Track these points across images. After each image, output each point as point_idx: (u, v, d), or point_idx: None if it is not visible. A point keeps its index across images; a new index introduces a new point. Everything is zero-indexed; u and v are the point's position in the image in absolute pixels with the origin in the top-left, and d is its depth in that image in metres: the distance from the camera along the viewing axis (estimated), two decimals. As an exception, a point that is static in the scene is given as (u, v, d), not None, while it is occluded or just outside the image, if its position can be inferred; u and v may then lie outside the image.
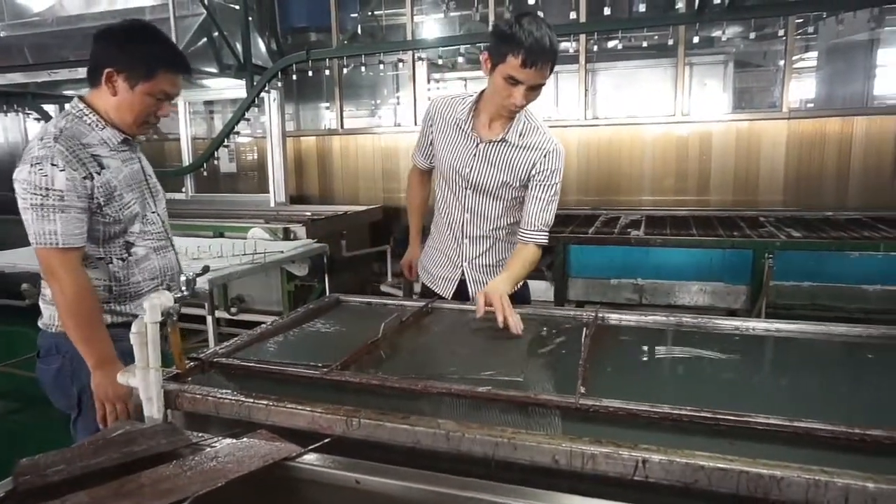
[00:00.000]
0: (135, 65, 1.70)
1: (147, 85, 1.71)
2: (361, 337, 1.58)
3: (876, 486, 0.82)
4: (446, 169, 2.11)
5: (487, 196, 2.06)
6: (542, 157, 1.98)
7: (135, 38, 1.72)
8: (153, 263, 1.85)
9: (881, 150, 4.71)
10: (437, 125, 2.12)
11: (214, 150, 5.71)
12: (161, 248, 1.89)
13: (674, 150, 5.13)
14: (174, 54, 1.77)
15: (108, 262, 1.77)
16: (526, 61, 1.74)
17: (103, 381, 1.67)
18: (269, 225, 4.61)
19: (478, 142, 2.02)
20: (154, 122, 1.82)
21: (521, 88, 1.79)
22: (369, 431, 1.08)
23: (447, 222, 2.18)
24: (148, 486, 0.93)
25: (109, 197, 1.70)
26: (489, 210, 2.08)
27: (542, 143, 1.99)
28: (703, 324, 1.69)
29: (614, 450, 0.94)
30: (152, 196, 1.90)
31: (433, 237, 2.28)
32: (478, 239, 2.13)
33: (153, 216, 1.88)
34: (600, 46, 5.11)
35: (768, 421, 1.06)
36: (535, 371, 1.43)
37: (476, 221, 2.11)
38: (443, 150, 2.11)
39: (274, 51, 6.16)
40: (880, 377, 1.38)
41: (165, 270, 1.90)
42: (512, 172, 2.01)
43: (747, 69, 5.72)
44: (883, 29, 5.00)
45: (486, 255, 2.15)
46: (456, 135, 2.06)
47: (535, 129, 2.00)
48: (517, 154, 2.00)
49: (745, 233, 3.66)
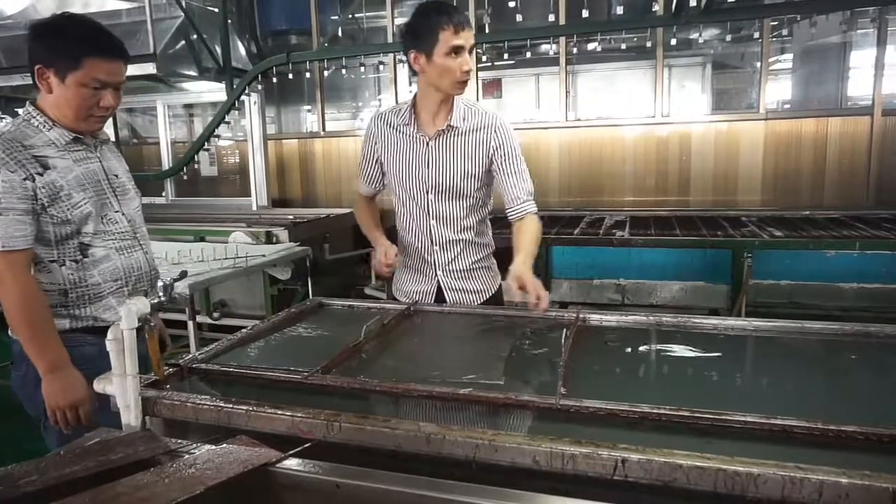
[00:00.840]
0: (59, 56, 1.65)
1: (76, 75, 1.65)
2: (343, 341, 1.57)
3: (849, 482, 0.83)
4: (403, 178, 2.08)
5: (450, 196, 2.05)
6: (493, 133, 2.00)
7: (57, 30, 1.67)
8: (115, 264, 1.80)
9: (855, 150, 4.81)
10: (381, 139, 2.10)
11: (195, 154, 5.65)
12: (125, 248, 1.83)
13: (654, 151, 5.19)
14: (99, 39, 1.68)
15: (60, 265, 1.72)
16: (459, 24, 1.84)
17: (54, 387, 1.64)
18: (251, 229, 4.58)
19: (427, 139, 2.02)
20: (101, 115, 1.76)
21: (464, 53, 1.87)
22: (350, 435, 1.08)
23: (414, 234, 2.14)
24: (124, 495, 0.91)
25: (54, 197, 1.66)
26: (454, 211, 2.07)
27: (486, 121, 2.01)
28: (683, 323, 1.71)
29: (594, 450, 0.95)
30: (115, 196, 1.84)
31: (401, 258, 2.21)
32: (447, 244, 2.11)
33: (116, 216, 1.83)
34: (580, 49, 5.15)
35: (745, 419, 1.07)
36: (516, 372, 1.43)
37: (443, 225, 2.09)
38: (395, 161, 2.09)
39: (254, 53, 6.12)
40: (856, 374, 1.40)
41: (130, 271, 1.84)
42: (469, 159, 2.01)
43: (725, 71, 5.80)
44: (855, 32, 5.10)
45: (457, 259, 2.13)
46: (403, 141, 2.06)
47: (475, 111, 2.03)
48: (467, 139, 2.01)
49: (724, 233, 3.71)
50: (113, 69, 1.70)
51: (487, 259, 2.20)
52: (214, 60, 5.49)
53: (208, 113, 6.60)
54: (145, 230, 1.97)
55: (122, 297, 1.80)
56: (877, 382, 1.35)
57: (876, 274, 3.26)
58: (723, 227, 3.94)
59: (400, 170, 2.09)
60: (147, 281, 1.89)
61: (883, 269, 3.26)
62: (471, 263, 2.14)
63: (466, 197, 2.06)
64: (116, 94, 1.75)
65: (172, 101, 6.46)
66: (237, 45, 5.90)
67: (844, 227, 3.82)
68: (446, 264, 2.13)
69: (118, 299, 1.79)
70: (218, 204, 6.24)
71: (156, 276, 1.93)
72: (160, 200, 6.35)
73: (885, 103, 4.71)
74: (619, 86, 5.79)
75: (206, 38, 5.36)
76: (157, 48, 4.94)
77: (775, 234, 3.61)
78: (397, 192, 2.16)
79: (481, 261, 2.17)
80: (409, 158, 2.06)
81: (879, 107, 4.70)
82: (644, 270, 3.57)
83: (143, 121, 7.18)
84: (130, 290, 1.83)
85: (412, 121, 2.03)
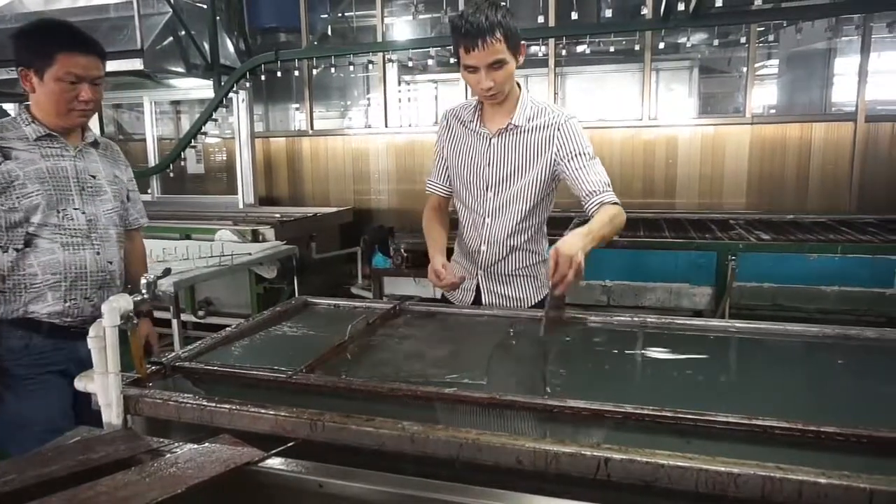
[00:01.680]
0: (36, 56, 1.77)
1: (52, 71, 1.76)
2: (328, 340, 1.57)
3: (828, 482, 0.84)
4: (464, 173, 2.04)
5: (509, 196, 1.98)
6: (557, 132, 1.91)
7: (34, 33, 1.81)
8: (56, 258, 1.82)
9: (838, 156, 4.87)
10: (449, 136, 2.08)
11: (181, 151, 5.61)
12: (73, 244, 1.85)
13: (641, 153, 5.22)
14: (71, 35, 1.80)
15: (4, 251, 1.78)
16: (468, 46, 1.75)
17: None
18: (238, 227, 4.55)
19: (489, 137, 1.97)
20: (82, 109, 1.84)
21: (480, 73, 1.79)
22: (334, 434, 1.07)
23: (468, 233, 2.10)
24: (104, 494, 0.90)
25: (7, 185, 1.75)
26: (511, 211, 1.99)
27: (552, 120, 1.92)
28: (667, 324, 1.72)
29: (577, 450, 0.95)
30: (82, 194, 1.89)
31: (455, 253, 2.20)
32: (497, 245, 2.03)
33: (75, 213, 1.86)
34: (569, 51, 5.17)
35: (727, 419, 1.08)
36: (501, 372, 1.43)
37: (497, 226, 2.01)
38: (458, 156, 2.05)
39: (242, 51, 6.08)
40: (836, 376, 1.42)
41: (71, 268, 1.85)
42: (530, 158, 1.94)
43: (712, 75, 5.86)
44: (840, 39, 5.17)
45: (503, 262, 2.05)
46: (467, 138, 2.02)
47: (542, 109, 1.95)
48: (531, 138, 1.94)
49: (709, 235, 3.74)
50: (87, 64, 1.80)
51: (535, 268, 2.07)
52: (202, 57, 5.45)
53: (195, 110, 6.55)
54: (113, 233, 1.98)
55: (59, 294, 1.83)
56: (856, 384, 1.37)
57: (857, 277, 3.31)
58: (708, 229, 3.98)
59: (461, 165, 2.04)
60: (91, 282, 1.89)
61: (863, 273, 3.30)
62: (515, 269, 2.05)
63: (525, 199, 1.97)
64: (95, 88, 1.84)
65: (159, 98, 6.40)
66: (225, 42, 5.86)
67: (827, 230, 3.87)
68: (490, 266, 2.06)
69: (55, 295, 1.82)
70: (204, 202, 6.19)
71: (108, 280, 1.93)
72: (146, 198, 6.27)
73: (868, 110, 4.78)
74: (607, 88, 5.82)
75: (195, 34, 5.32)
76: (145, 44, 4.89)
77: (762, 237, 3.65)
78: (457, 188, 2.09)
79: (528, 268, 2.06)
80: (471, 155, 2.01)
81: (863, 113, 4.76)
82: (630, 272, 3.59)
83: (129, 117, 7.11)
84: (68, 286, 1.84)
85: (477, 117, 1.99)
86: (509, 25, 1.76)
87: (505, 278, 2.07)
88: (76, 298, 1.86)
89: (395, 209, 5.90)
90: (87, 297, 1.88)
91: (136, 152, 6.81)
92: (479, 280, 2.09)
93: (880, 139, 4.81)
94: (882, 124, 4.79)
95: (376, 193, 5.97)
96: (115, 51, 5.00)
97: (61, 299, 1.84)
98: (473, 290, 2.11)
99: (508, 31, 1.75)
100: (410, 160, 5.82)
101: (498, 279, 2.08)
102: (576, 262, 1.50)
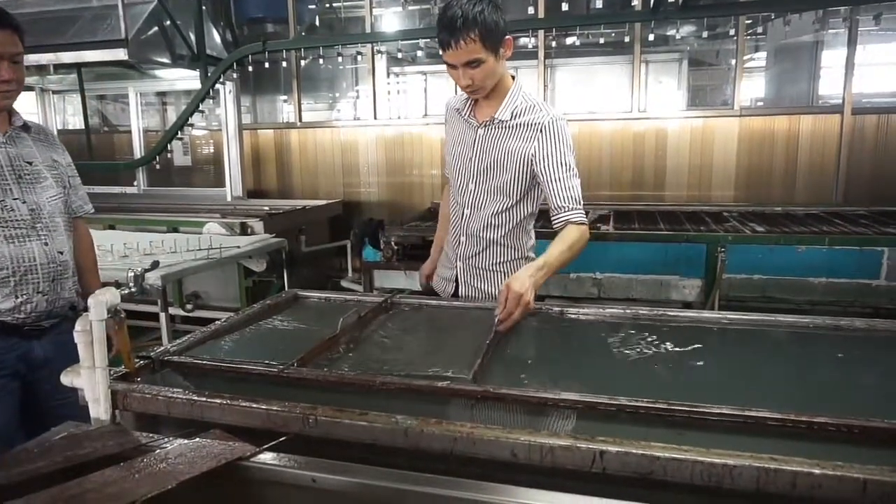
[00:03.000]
0: None
1: None
2: (319, 333, 1.56)
3: (822, 472, 0.85)
4: (452, 162, 2.05)
5: (487, 189, 1.96)
6: (539, 134, 1.86)
7: None
8: (1, 251, 1.74)
9: (825, 148, 4.91)
10: (449, 125, 2.09)
11: (167, 143, 5.54)
12: (17, 237, 1.77)
13: (631, 145, 5.23)
14: None
15: None
16: (442, 43, 1.73)
17: None
18: (226, 220, 4.50)
19: (476, 127, 1.96)
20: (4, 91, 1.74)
21: (458, 70, 1.77)
22: (326, 429, 1.06)
23: (453, 220, 2.10)
24: (92, 491, 0.89)
25: None
26: (488, 206, 1.97)
27: (536, 120, 1.87)
28: (658, 316, 1.72)
29: (572, 442, 0.95)
30: (19, 183, 1.80)
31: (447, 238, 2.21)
32: (474, 237, 2.02)
33: (14, 203, 1.77)
34: (559, 42, 5.16)
35: (720, 410, 1.08)
36: (493, 366, 1.43)
37: (475, 217, 2.00)
38: (451, 145, 2.06)
39: (229, 41, 6.01)
40: (827, 367, 1.43)
41: (20, 261, 1.77)
42: (508, 155, 1.90)
43: (701, 68, 5.87)
44: (826, 31, 5.19)
45: (479, 256, 2.04)
46: (461, 126, 2.02)
47: (532, 107, 1.90)
48: (512, 134, 1.90)
49: (698, 227, 3.75)
50: (2, 39, 1.69)
51: (513, 265, 2.02)
52: (188, 47, 5.37)
53: (182, 101, 6.47)
54: (60, 221, 1.89)
55: (9, 290, 1.75)
56: (848, 375, 1.37)
57: (844, 269, 3.34)
58: (697, 221, 3.99)
59: (452, 153, 2.05)
60: (43, 274, 1.81)
61: (851, 265, 3.33)
62: (493, 264, 2.03)
63: (503, 194, 1.94)
64: (15, 67, 1.74)
65: (145, 89, 6.32)
66: (212, 33, 5.78)
67: (815, 222, 3.90)
68: (467, 258, 2.06)
69: (4, 291, 1.74)
70: (191, 194, 6.12)
71: (60, 272, 1.86)
72: (132, 190, 6.22)
73: (854, 102, 4.81)
74: (596, 81, 5.82)
75: (180, 24, 5.24)
76: (129, 34, 4.82)
77: (755, 229, 3.67)
78: (450, 174, 2.10)
79: (505, 264, 2.03)
80: (460, 143, 2.01)
81: (849, 105, 4.80)
82: (619, 265, 3.59)
83: (114, 108, 7.01)
84: (18, 281, 1.76)
85: (469, 106, 1.98)
86: (487, 22, 1.69)
87: (481, 272, 2.06)
88: (28, 293, 1.78)
89: (385, 202, 5.88)
90: (39, 290, 1.80)
91: (121, 144, 6.73)
92: (457, 272, 2.09)
93: (866, 131, 4.85)
94: (868, 116, 4.83)
95: (366, 186, 5.94)
96: (99, 40, 4.92)
97: (11, 295, 1.75)
98: (453, 282, 2.11)
99: (485, 29, 1.70)
100: (400, 153, 5.79)
101: (474, 273, 2.07)
102: (524, 302, 1.57)
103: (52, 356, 1.84)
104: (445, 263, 2.18)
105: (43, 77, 5.94)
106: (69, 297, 1.91)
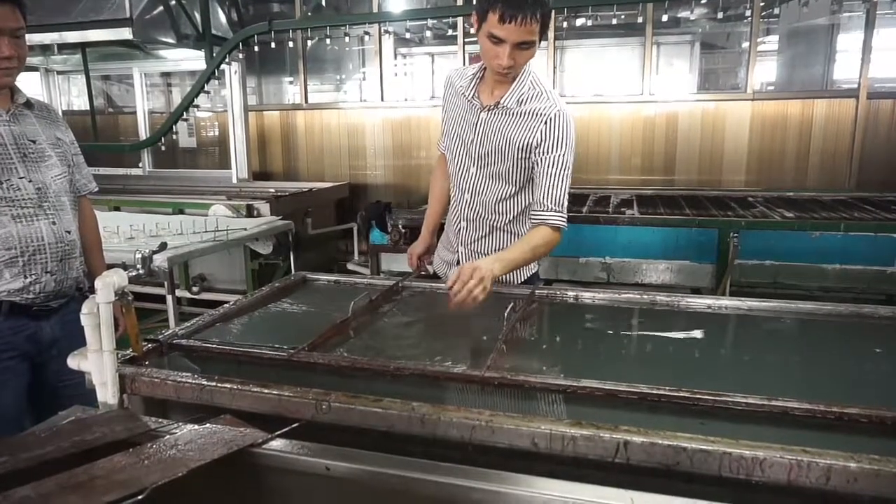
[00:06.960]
0: None
1: None
2: (330, 317, 1.53)
3: (858, 466, 0.82)
4: (453, 142, 1.98)
5: (490, 173, 1.90)
6: (543, 125, 1.78)
7: None
8: (8, 232, 1.70)
9: (839, 133, 4.82)
10: (449, 99, 1.99)
11: (173, 124, 5.50)
12: (24, 216, 1.73)
13: (641, 129, 5.16)
14: None
15: None
16: (504, 16, 1.60)
17: None
18: (232, 202, 4.48)
19: (480, 109, 1.88)
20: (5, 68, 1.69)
21: (505, 47, 1.66)
22: (340, 415, 1.03)
23: (454, 202, 2.05)
24: (100, 478, 0.86)
25: None
26: (490, 190, 1.91)
27: (543, 110, 1.79)
28: (675, 302, 1.69)
29: (595, 432, 0.92)
30: (24, 161, 1.76)
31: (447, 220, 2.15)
32: (476, 223, 1.97)
33: (20, 182, 1.73)
34: (569, 24, 5.07)
35: (746, 400, 1.05)
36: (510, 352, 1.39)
37: (477, 202, 1.95)
38: (451, 123, 1.98)
39: (234, 21, 5.94)
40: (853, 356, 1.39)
41: (28, 241, 1.73)
42: (510, 143, 1.82)
43: (713, 51, 5.78)
44: (843, 14, 5.09)
45: (482, 241, 1.98)
46: (462, 105, 1.94)
47: (539, 94, 1.81)
48: (515, 122, 1.82)
49: (710, 212, 3.70)
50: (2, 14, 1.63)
51: None
52: (193, 27, 5.31)
53: (187, 82, 6.40)
54: (66, 200, 1.86)
55: (17, 269, 1.72)
56: (876, 365, 1.34)
57: (858, 255, 3.29)
58: (707, 206, 3.94)
59: (452, 132, 1.97)
60: (51, 254, 1.78)
61: (865, 251, 3.28)
62: (497, 249, 1.97)
63: (506, 181, 1.88)
64: (16, 42, 1.68)
65: (149, 70, 6.25)
66: (217, 12, 5.70)
67: (828, 208, 3.84)
68: (469, 242, 2.01)
69: (12, 271, 1.71)
70: (197, 176, 6.08)
71: (68, 251, 1.83)
72: (137, 172, 6.18)
73: (870, 87, 4.72)
74: (606, 63, 5.73)
75: (185, 3, 5.18)
76: (134, 13, 4.76)
77: (758, 213, 3.62)
78: (448, 154, 2.03)
79: None
80: (462, 123, 1.93)
81: (865, 90, 4.70)
82: (630, 249, 3.55)
83: (119, 89, 6.96)
84: (26, 261, 1.73)
85: (474, 84, 1.89)
86: (548, 8, 1.66)
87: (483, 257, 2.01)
88: (37, 273, 1.75)
89: (392, 184, 5.83)
90: (48, 270, 1.77)
91: (126, 125, 6.68)
92: (459, 257, 2.05)
93: (881, 117, 4.76)
94: (883, 101, 4.74)
95: (372, 169, 5.89)
96: (104, 19, 4.86)
97: (20, 275, 1.72)
98: (455, 266, 2.05)
99: (546, 14, 1.65)
100: (407, 135, 5.73)
101: (476, 257, 1.99)
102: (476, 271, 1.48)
103: (59, 336, 1.82)
104: (447, 246, 2.14)
105: (47, 57, 5.88)
106: (76, 277, 1.88)
